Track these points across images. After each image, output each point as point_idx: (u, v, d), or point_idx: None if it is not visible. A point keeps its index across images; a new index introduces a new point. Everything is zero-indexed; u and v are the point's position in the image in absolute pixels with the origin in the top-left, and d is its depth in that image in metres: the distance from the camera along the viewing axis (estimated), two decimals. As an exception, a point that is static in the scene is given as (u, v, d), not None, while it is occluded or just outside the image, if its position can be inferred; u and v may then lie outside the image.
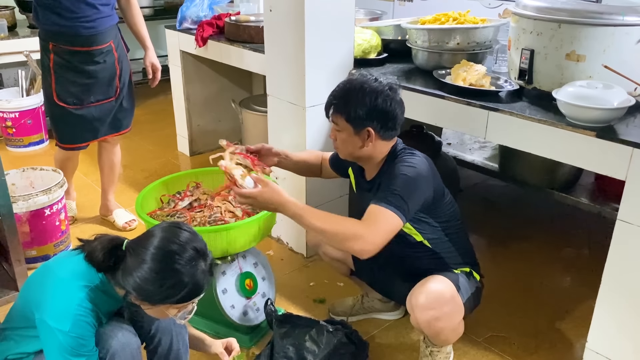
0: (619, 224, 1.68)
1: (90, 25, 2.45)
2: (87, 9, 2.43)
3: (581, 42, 1.83)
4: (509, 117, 1.91)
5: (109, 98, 2.63)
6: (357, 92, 1.69)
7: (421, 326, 1.73)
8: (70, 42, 2.45)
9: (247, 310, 2.07)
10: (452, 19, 2.45)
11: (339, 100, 1.73)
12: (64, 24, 2.41)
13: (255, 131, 3.48)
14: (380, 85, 1.70)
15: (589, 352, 1.85)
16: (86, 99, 2.56)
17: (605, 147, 1.68)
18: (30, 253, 2.50)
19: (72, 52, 2.47)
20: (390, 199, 1.63)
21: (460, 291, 1.77)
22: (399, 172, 1.68)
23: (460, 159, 2.97)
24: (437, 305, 1.70)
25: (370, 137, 1.72)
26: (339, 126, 1.75)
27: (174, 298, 1.41)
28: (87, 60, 2.51)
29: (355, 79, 1.74)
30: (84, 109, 2.57)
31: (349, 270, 2.14)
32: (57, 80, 2.51)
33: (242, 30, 3.03)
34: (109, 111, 2.66)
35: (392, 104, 1.70)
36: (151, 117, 4.61)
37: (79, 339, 1.40)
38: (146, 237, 1.45)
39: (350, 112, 1.69)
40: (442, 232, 1.83)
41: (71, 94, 2.53)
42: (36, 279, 1.55)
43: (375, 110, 1.68)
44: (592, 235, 2.85)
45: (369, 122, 1.69)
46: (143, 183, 3.10)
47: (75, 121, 2.59)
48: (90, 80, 2.54)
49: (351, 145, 1.75)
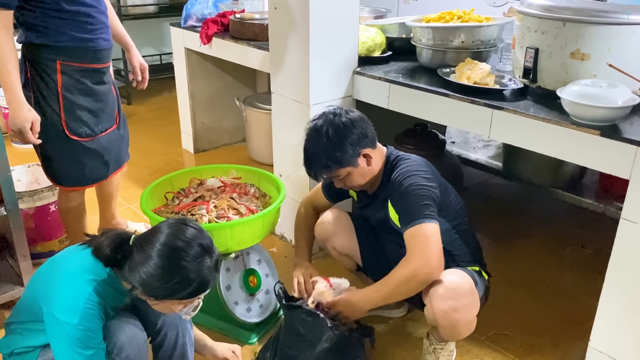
0: (622, 223, 1.68)
1: (107, 37, 2.14)
2: (102, 17, 2.11)
3: (586, 40, 1.82)
4: (513, 116, 1.90)
5: (112, 126, 2.23)
6: (325, 144, 1.76)
7: (437, 316, 1.72)
8: (86, 59, 2.06)
9: (250, 307, 2.08)
10: (457, 17, 2.45)
11: (320, 163, 1.79)
12: (83, 36, 2.02)
13: (259, 129, 3.49)
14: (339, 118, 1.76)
15: (592, 350, 1.85)
16: (97, 128, 2.15)
17: (609, 146, 1.68)
18: (35, 249, 2.51)
19: (83, 70, 2.07)
20: (414, 216, 1.69)
21: (477, 286, 1.78)
22: (405, 188, 1.74)
23: (464, 157, 2.97)
24: (456, 296, 1.70)
25: (368, 156, 1.79)
26: (340, 175, 1.81)
27: (179, 294, 1.42)
28: (97, 79, 2.13)
29: (311, 134, 1.80)
30: (95, 140, 2.15)
31: (355, 266, 2.15)
32: (67, 107, 2.06)
33: (247, 28, 3.03)
34: (115, 142, 2.26)
35: (356, 125, 1.77)
36: (155, 114, 4.63)
37: (87, 332, 1.42)
38: (153, 233, 1.45)
39: (340, 160, 1.76)
40: (452, 229, 1.85)
41: (83, 123, 2.10)
42: (43, 273, 1.56)
43: (352, 140, 1.75)
44: (596, 234, 2.84)
45: (357, 150, 1.77)
46: (147, 180, 3.11)
47: (86, 158, 2.15)
48: (99, 104, 2.15)
49: (360, 176, 1.82)
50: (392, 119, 2.49)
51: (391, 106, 2.32)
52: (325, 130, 1.76)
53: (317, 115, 1.83)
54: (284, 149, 2.61)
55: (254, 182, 2.29)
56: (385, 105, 2.34)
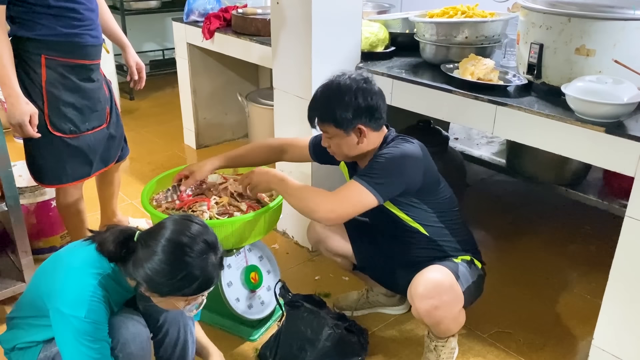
0: (627, 220, 1.67)
1: (95, 34, 2.11)
2: (91, 14, 2.09)
3: (591, 36, 1.80)
4: (517, 112, 1.89)
5: (101, 125, 2.20)
6: (336, 96, 1.72)
7: (421, 315, 1.73)
8: (71, 54, 2.04)
9: (252, 304, 2.08)
10: (461, 13, 2.43)
11: (321, 109, 1.76)
12: (69, 31, 2.01)
13: (262, 125, 3.48)
14: (354, 82, 1.73)
15: (595, 349, 1.84)
16: (82, 126, 2.12)
17: (614, 143, 1.67)
18: (36, 244, 2.51)
19: (69, 66, 2.04)
20: (366, 177, 1.69)
21: (459, 280, 1.77)
22: (384, 154, 1.72)
23: (468, 154, 2.96)
24: (436, 294, 1.71)
25: (362, 134, 1.75)
26: (329, 133, 1.78)
27: (184, 290, 1.42)
28: (84, 76, 2.10)
29: (329, 82, 1.77)
30: (80, 138, 2.12)
31: (351, 265, 2.14)
32: (50, 102, 2.03)
33: (249, 23, 3.02)
34: (102, 141, 2.22)
35: (372, 97, 1.73)
36: (158, 109, 4.63)
37: (95, 324, 1.41)
38: (157, 229, 1.45)
39: (337, 118, 1.72)
40: (437, 218, 1.83)
41: (67, 119, 2.07)
42: (47, 269, 1.55)
43: (359, 107, 1.71)
44: (600, 232, 2.83)
45: (357, 120, 1.72)
46: (149, 175, 3.10)
47: (68, 155, 2.12)
48: (86, 101, 2.11)
49: (346, 147, 1.78)
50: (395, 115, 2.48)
51: (394, 102, 2.31)
52: (345, 85, 1.72)
53: (352, 72, 1.78)
54: (286, 145, 2.60)
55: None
56: (388, 101, 2.32)
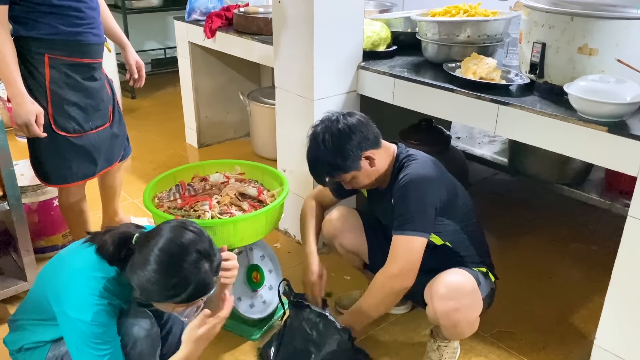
0: (630, 220, 1.66)
1: (97, 33, 2.11)
2: (93, 13, 2.08)
3: (594, 35, 1.80)
4: (519, 111, 1.89)
5: (104, 124, 2.20)
6: (328, 150, 1.75)
7: (438, 315, 1.72)
8: (74, 53, 2.04)
9: (253, 303, 2.08)
10: (463, 11, 2.42)
11: (324, 168, 1.80)
12: (72, 30, 2.00)
13: (264, 124, 3.48)
14: (334, 126, 1.76)
15: (597, 349, 1.83)
16: (86, 125, 2.12)
17: (616, 143, 1.66)
18: (38, 243, 2.51)
19: (72, 64, 2.04)
20: (402, 226, 1.71)
21: (480, 286, 1.77)
22: (407, 191, 1.73)
23: (470, 153, 2.96)
24: (458, 296, 1.70)
25: (370, 158, 1.78)
26: (345, 179, 1.82)
27: (176, 298, 1.42)
28: (87, 75, 2.10)
29: (313, 140, 1.79)
30: (84, 137, 2.12)
31: (362, 263, 2.13)
32: (55, 102, 2.03)
33: (251, 22, 3.01)
34: (106, 140, 2.22)
35: (358, 127, 1.76)
36: (159, 108, 4.63)
37: (102, 327, 1.42)
38: (153, 235, 1.44)
39: (342, 166, 1.76)
40: (461, 231, 1.84)
41: (71, 118, 2.07)
42: (50, 270, 1.56)
43: (353, 145, 1.74)
44: (602, 231, 2.82)
45: (358, 153, 1.76)
46: (151, 174, 3.10)
47: (73, 154, 2.12)
48: (90, 100, 2.11)
49: (365, 177, 1.81)
50: (397, 114, 2.48)
51: (396, 101, 2.30)
52: (323, 138, 1.75)
53: (317, 122, 1.82)
54: (287, 144, 2.60)
55: (257, 177, 2.28)
56: (390, 101, 2.32)
